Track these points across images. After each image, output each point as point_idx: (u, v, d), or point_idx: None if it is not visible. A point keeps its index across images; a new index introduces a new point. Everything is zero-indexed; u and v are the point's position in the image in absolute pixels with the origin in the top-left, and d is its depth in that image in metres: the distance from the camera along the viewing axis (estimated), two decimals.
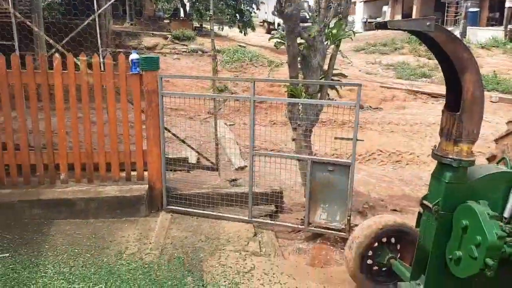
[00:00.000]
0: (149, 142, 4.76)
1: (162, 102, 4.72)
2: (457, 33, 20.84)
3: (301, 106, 4.99)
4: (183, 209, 4.78)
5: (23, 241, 4.05)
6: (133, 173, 4.92)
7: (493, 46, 19.55)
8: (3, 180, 4.75)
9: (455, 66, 2.63)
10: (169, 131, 5.42)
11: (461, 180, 2.70)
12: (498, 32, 20.71)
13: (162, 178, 4.79)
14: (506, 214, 2.67)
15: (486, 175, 2.74)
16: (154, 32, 16.88)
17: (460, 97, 2.67)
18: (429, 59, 16.96)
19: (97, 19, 8.27)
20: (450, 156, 2.70)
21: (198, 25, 19.74)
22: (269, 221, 4.73)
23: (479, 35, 20.70)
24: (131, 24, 18.53)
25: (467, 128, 2.68)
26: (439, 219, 2.71)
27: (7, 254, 3.80)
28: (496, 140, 4.39)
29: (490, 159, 4.20)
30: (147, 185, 4.78)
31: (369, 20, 28.75)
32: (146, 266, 3.70)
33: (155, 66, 4.70)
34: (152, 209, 4.80)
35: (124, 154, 4.86)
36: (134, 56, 4.70)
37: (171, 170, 5.17)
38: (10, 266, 3.62)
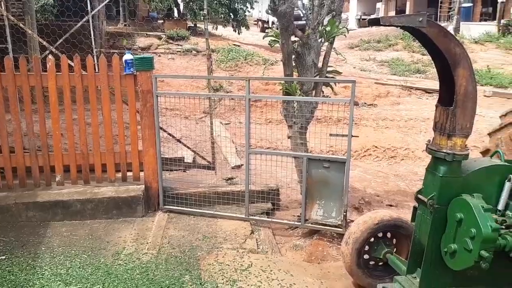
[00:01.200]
0: (144, 143, 4.75)
1: (157, 102, 4.72)
2: (450, 28, 20.91)
3: (296, 103, 5.00)
4: (180, 208, 4.79)
5: (19, 243, 4.04)
6: (129, 173, 4.91)
7: (487, 41, 19.61)
8: None
9: (448, 61, 2.65)
10: (164, 130, 5.42)
11: (455, 174, 2.72)
12: (491, 27, 20.81)
13: (159, 178, 4.79)
14: (500, 207, 2.70)
15: (480, 168, 2.76)
16: (148, 33, 16.82)
17: (453, 91, 2.69)
18: (423, 55, 17.01)
19: (90, 20, 8.25)
20: (444, 150, 2.72)
21: (192, 25, 19.69)
22: (266, 219, 4.74)
23: (472, 30, 20.78)
24: (125, 25, 18.46)
25: (460, 123, 2.71)
26: (434, 212, 2.73)
27: (4, 257, 3.80)
28: (490, 134, 4.42)
29: (484, 152, 4.24)
30: (144, 185, 4.78)
31: (363, 17, 28.79)
32: (144, 265, 3.71)
33: (149, 66, 4.70)
34: (149, 209, 4.80)
35: (119, 154, 4.85)
36: (128, 56, 4.70)
37: (167, 170, 5.17)
38: (7, 269, 3.61)
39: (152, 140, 4.74)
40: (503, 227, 2.57)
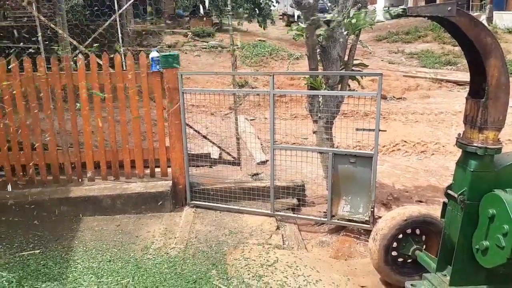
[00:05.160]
0: (171, 139, 4.83)
1: (183, 99, 4.78)
2: (483, 18, 20.13)
3: (321, 98, 4.94)
4: (207, 203, 4.85)
5: (53, 237, 4.20)
6: (157, 169, 5.01)
7: None
8: (33, 180, 4.93)
9: (478, 52, 2.57)
10: (191, 127, 5.48)
11: (487, 169, 2.64)
12: None
13: (186, 174, 4.86)
14: None
15: None
16: (174, 30, 17.04)
17: (484, 83, 2.60)
18: (454, 46, 16.45)
19: (118, 19, 8.42)
20: (475, 144, 2.64)
21: (218, 21, 19.80)
22: (292, 215, 4.73)
23: (506, 19, 19.91)
24: (152, 23, 18.74)
25: (492, 115, 2.62)
26: (465, 208, 2.65)
27: (38, 251, 3.96)
28: None
29: None
30: (171, 181, 4.86)
31: (390, 8, 28.13)
32: (172, 260, 3.78)
33: (175, 63, 4.75)
34: (177, 204, 4.88)
35: (147, 151, 4.95)
36: (154, 54, 4.77)
37: (194, 166, 5.24)
38: (42, 262, 3.76)
39: (179, 136, 4.81)
40: None
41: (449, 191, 2.80)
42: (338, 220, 4.43)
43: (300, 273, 3.57)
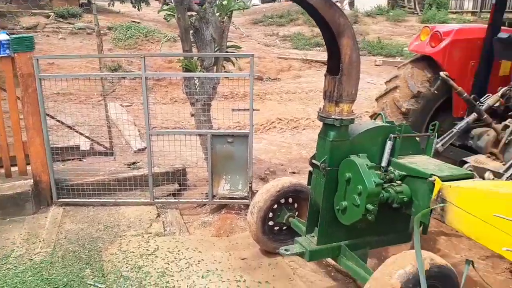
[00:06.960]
0: (29, 132, 4.29)
1: (41, 86, 4.26)
2: (346, 2, 22.13)
3: (197, 80, 4.87)
4: (77, 200, 4.46)
5: None
6: (13, 168, 4.42)
7: (378, 14, 21.16)
8: None
9: (333, 32, 2.74)
10: (52, 117, 4.93)
11: (344, 137, 2.88)
12: (382, 1, 22.44)
13: (49, 170, 4.38)
14: (383, 164, 2.93)
15: (364, 130, 2.96)
16: (34, 11, 15.13)
17: (339, 61, 2.80)
18: None
19: None
20: (333, 117, 2.85)
21: (85, 1, 18.15)
22: (173, 200, 4.64)
23: (366, 4, 22.17)
24: (6, 3, 16.36)
25: (346, 89, 2.84)
26: (326, 175, 2.87)
27: None
28: (377, 99, 4.77)
29: (372, 116, 4.56)
30: (32, 180, 4.34)
31: None
32: (37, 266, 3.40)
33: (29, 46, 4.23)
34: (41, 204, 4.38)
35: (0, 148, 4.32)
36: (3, 36, 4.18)
37: (59, 161, 4.76)
38: None
39: (38, 128, 4.29)
40: (385, 181, 2.79)
41: (313, 160, 3.00)
42: (219, 199, 4.48)
43: (182, 257, 3.53)
